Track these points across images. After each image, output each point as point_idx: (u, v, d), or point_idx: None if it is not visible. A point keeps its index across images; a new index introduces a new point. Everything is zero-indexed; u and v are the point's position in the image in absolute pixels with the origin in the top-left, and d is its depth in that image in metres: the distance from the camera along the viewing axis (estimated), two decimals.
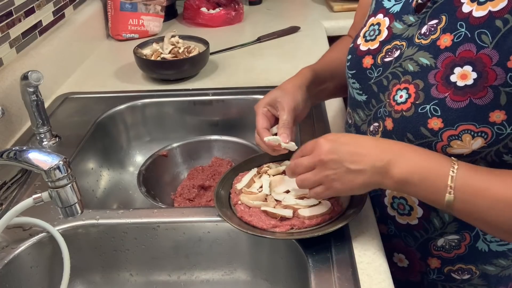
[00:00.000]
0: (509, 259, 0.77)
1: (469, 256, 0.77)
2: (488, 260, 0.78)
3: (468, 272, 0.80)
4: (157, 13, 1.63)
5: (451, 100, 0.65)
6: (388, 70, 0.74)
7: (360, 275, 0.69)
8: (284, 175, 0.83)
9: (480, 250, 0.76)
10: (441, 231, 0.77)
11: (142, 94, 1.22)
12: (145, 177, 1.03)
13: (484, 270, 0.79)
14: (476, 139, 0.65)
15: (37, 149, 0.68)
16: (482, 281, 0.80)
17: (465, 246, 0.77)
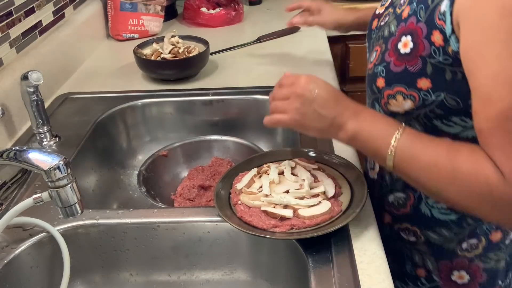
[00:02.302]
0: (452, 231, 0.80)
1: (413, 216, 0.83)
2: (431, 227, 0.82)
3: (413, 234, 0.84)
4: (157, 13, 1.63)
5: (394, 64, 0.74)
6: (379, 32, 0.83)
7: (360, 275, 0.69)
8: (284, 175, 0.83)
9: (424, 213, 0.82)
10: (391, 187, 0.85)
11: (142, 94, 1.22)
12: (145, 177, 1.03)
13: (427, 236, 0.83)
14: (407, 101, 0.73)
15: (37, 149, 0.68)
16: (427, 249, 0.84)
17: (410, 206, 0.83)
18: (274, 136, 1.22)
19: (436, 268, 0.85)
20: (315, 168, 0.86)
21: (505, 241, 0.82)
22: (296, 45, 1.51)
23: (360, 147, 0.73)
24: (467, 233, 0.81)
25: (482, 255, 0.82)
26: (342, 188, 0.82)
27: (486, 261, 0.82)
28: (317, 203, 0.77)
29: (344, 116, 0.72)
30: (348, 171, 0.85)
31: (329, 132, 0.74)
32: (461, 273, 0.84)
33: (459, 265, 0.83)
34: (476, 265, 0.83)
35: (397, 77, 0.73)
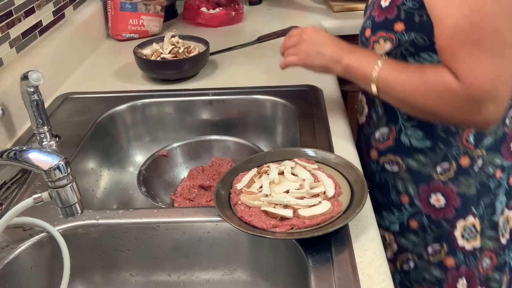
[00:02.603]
0: (427, 157, 0.92)
1: (396, 147, 0.95)
2: (411, 154, 0.94)
3: (396, 164, 0.96)
4: (157, 13, 1.63)
5: (377, 16, 0.90)
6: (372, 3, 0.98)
7: (360, 275, 0.69)
8: (284, 175, 0.83)
9: (404, 143, 0.94)
10: (377, 124, 0.98)
11: (142, 94, 1.22)
12: (145, 177, 1.03)
13: (407, 164, 0.95)
14: (387, 43, 0.88)
15: (37, 149, 0.68)
16: (408, 176, 0.95)
17: (393, 139, 0.95)
18: (274, 136, 1.22)
19: (417, 193, 0.95)
20: (315, 168, 0.86)
21: (473, 167, 0.92)
22: None
23: (353, 77, 0.91)
24: (440, 158, 0.92)
25: (454, 178, 0.92)
26: (342, 188, 0.82)
27: (458, 185, 0.92)
28: (317, 203, 0.77)
29: (339, 53, 0.92)
30: (348, 171, 0.85)
31: (328, 67, 0.94)
32: (437, 196, 0.94)
33: (435, 188, 0.94)
34: (450, 188, 0.93)
35: (379, 25, 0.90)
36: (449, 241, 0.95)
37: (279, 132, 1.21)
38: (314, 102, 1.15)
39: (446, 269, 0.96)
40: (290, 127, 1.15)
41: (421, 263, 0.98)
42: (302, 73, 1.31)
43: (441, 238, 0.95)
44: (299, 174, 0.83)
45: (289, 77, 1.28)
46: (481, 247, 0.95)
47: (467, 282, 0.96)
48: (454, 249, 0.95)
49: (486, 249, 0.96)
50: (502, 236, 0.97)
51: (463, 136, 0.90)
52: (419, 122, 0.91)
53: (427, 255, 0.97)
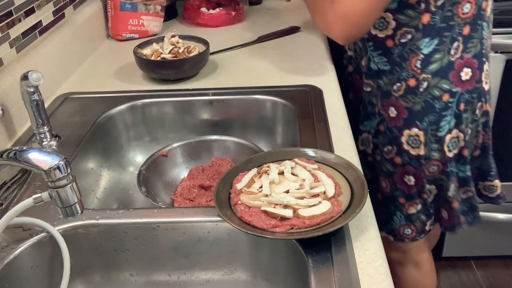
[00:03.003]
0: (387, 78, 1.15)
1: (368, 72, 1.19)
2: (378, 76, 1.17)
3: (369, 85, 1.21)
4: (157, 13, 1.63)
5: None
6: None
7: (360, 275, 0.69)
8: (284, 175, 0.83)
9: (373, 69, 1.17)
10: (359, 57, 1.23)
11: (142, 94, 1.22)
12: (145, 177, 1.03)
13: (376, 83, 1.19)
14: None
15: (37, 149, 0.68)
16: (377, 92, 1.19)
17: (366, 66, 1.19)
18: (274, 136, 1.22)
19: (381, 105, 1.19)
20: (315, 168, 0.86)
21: (419, 88, 1.12)
22: (296, 45, 1.51)
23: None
24: (396, 79, 1.14)
25: (403, 95, 1.14)
26: (342, 188, 0.82)
27: (406, 101, 1.14)
28: (317, 203, 0.77)
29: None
30: (348, 171, 0.85)
31: None
32: (392, 108, 1.17)
33: (392, 102, 1.16)
34: (400, 103, 1.15)
35: None
36: (397, 145, 1.19)
37: (279, 132, 1.21)
38: (314, 102, 1.15)
39: (395, 165, 1.21)
40: (290, 127, 1.15)
41: (382, 158, 1.23)
42: (302, 73, 1.32)
43: (392, 141, 1.19)
44: (299, 174, 0.83)
45: (289, 77, 1.28)
46: (426, 156, 1.17)
47: (415, 179, 1.20)
48: (401, 151, 1.19)
49: (432, 159, 1.17)
50: (449, 151, 1.17)
51: (412, 62, 1.10)
52: (382, 51, 1.14)
53: (384, 153, 1.23)
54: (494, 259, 2.08)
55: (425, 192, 1.21)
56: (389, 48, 1.12)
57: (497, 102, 1.71)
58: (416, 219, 1.26)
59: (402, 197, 1.23)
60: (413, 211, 1.24)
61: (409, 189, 1.22)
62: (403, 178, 1.21)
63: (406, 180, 1.21)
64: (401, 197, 1.24)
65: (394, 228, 1.28)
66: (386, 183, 1.25)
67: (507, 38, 1.61)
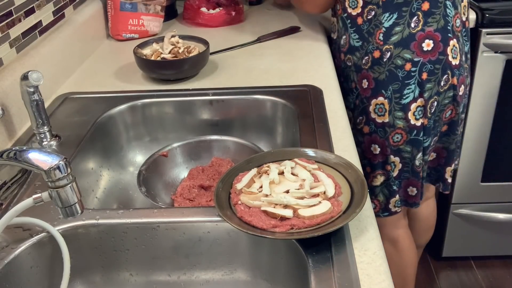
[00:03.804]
0: (359, 53, 1.27)
1: (348, 48, 1.30)
2: (353, 52, 1.29)
3: (349, 60, 1.31)
4: (157, 13, 1.63)
5: None
6: None
7: (360, 275, 0.69)
8: (284, 175, 0.83)
9: (352, 45, 1.28)
10: (340, 34, 1.34)
11: (142, 94, 1.22)
12: (145, 177, 1.03)
13: (352, 59, 1.30)
14: None
15: (37, 149, 0.68)
16: (353, 66, 1.30)
17: (347, 42, 1.30)
18: (274, 136, 1.22)
19: (357, 79, 1.30)
20: (315, 168, 0.86)
21: (383, 58, 1.23)
22: (296, 45, 1.51)
23: None
24: (364, 53, 1.26)
25: (370, 67, 1.26)
26: (342, 188, 0.82)
27: (373, 72, 1.26)
28: (317, 203, 0.77)
29: None
30: (348, 171, 0.85)
31: None
32: (364, 80, 1.28)
33: (363, 75, 1.28)
34: (369, 74, 1.27)
35: None
36: (366, 114, 1.30)
37: (279, 132, 1.21)
38: (314, 102, 1.15)
39: (364, 134, 1.33)
40: (290, 127, 1.15)
41: (354, 130, 1.30)
42: (302, 73, 1.32)
43: (362, 112, 1.30)
44: (299, 174, 0.83)
45: (289, 77, 1.28)
46: (391, 124, 1.27)
47: (380, 148, 1.31)
48: (369, 120, 1.30)
49: (396, 127, 1.27)
50: (416, 119, 1.26)
51: (376, 35, 1.21)
52: (356, 28, 1.25)
53: (356, 124, 1.33)
54: (494, 259, 2.08)
55: (389, 163, 1.31)
56: (359, 25, 1.24)
57: (497, 102, 1.71)
58: (379, 192, 1.37)
59: (368, 166, 1.35)
60: (377, 183, 1.36)
61: (374, 158, 1.33)
62: (370, 147, 1.33)
63: (372, 149, 1.32)
64: (367, 166, 1.35)
65: None
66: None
67: (507, 38, 1.61)
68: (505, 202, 1.90)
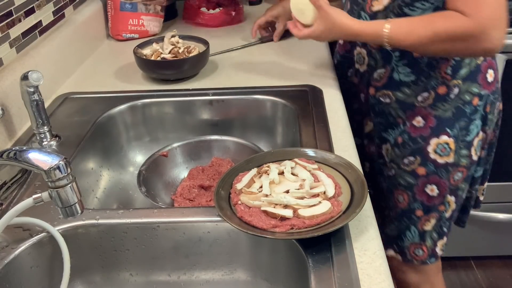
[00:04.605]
0: (411, 89, 1.11)
1: (388, 83, 1.14)
2: (399, 88, 1.13)
3: (388, 97, 1.15)
4: (157, 13, 1.63)
5: None
6: None
7: (360, 275, 0.69)
8: (284, 175, 0.83)
9: (395, 79, 1.12)
10: (375, 67, 1.15)
11: (142, 94, 1.22)
12: (145, 177, 1.03)
13: (396, 96, 1.14)
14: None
15: (37, 149, 0.68)
16: (397, 105, 1.15)
17: (386, 77, 1.14)
18: (274, 136, 1.22)
19: (405, 117, 1.14)
20: (315, 168, 0.86)
21: (450, 95, 1.09)
22: (296, 45, 1.51)
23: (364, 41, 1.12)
24: (421, 89, 1.11)
25: (432, 104, 1.11)
26: (342, 188, 0.82)
27: (435, 109, 1.11)
28: (317, 203, 0.77)
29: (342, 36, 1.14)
30: (348, 171, 0.85)
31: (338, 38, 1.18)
32: (418, 118, 1.13)
33: (418, 112, 1.13)
34: (429, 112, 1.12)
35: None
36: (422, 155, 1.14)
37: (279, 132, 1.21)
38: (314, 102, 1.15)
39: (417, 176, 1.16)
40: (290, 127, 1.15)
41: (399, 171, 1.18)
42: (302, 73, 1.32)
43: (416, 152, 1.15)
44: (299, 174, 0.83)
45: (289, 77, 1.28)
46: (455, 163, 1.13)
47: (438, 189, 1.16)
48: (426, 161, 1.14)
49: (460, 166, 1.14)
50: (475, 154, 1.15)
51: (442, 69, 1.07)
52: (408, 61, 1.09)
53: (404, 165, 1.17)
54: (494, 259, 2.08)
55: (444, 203, 1.18)
56: (415, 58, 1.08)
57: None
58: (429, 237, 1.21)
59: (420, 209, 1.19)
60: (428, 228, 1.20)
61: (429, 200, 1.17)
62: (425, 188, 1.16)
63: (428, 190, 1.16)
64: (419, 209, 1.19)
65: (405, 246, 1.23)
66: (403, 197, 1.19)
67: (507, 38, 1.61)
68: (505, 202, 1.90)
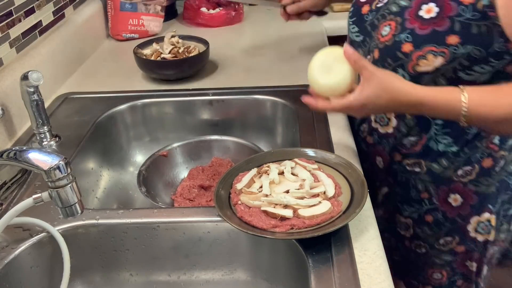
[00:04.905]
0: (450, 161, 0.95)
1: (422, 153, 0.97)
2: (435, 158, 0.96)
3: (418, 165, 0.98)
4: (157, 13, 1.63)
5: (419, 29, 0.84)
6: (379, 13, 0.93)
7: (360, 275, 0.69)
8: (284, 175, 0.83)
9: (431, 148, 0.95)
10: (406, 134, 0.97)
11: (142, 94, 1.22)
12: (145, 177, 1.03)
13: (429, 167, 0.97)
14: (438, 58, 0.83)
15: (37, 149, 0.68)
16: (428, 177, 0.98)
17: (421, 145, 0.96)
18: (274, 136, 1.22)
19: (436, 193, 0.99)
20: (315, 168, 0.86)
21: (495, 168, 0.95)
22: (296, 45, 1.51)
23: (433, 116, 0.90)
24: (463, 162, 0.95)
25: (474, 180, 0.96)
26: (342, 188, 0.82)
27: (477, 185, 0.96)
28: (317, 203, 0.77)
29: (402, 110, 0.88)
30: (348, 171, 0.85)
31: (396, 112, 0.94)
32: (456, 196, 0.98)
33: (454, 189, 0.97)
34: (469, 189, 0.96)
35: (426, 39, 0.83)
36: (461, 234, 1.00)
37: (279, 132, 1.21)
38: None
39: (456, 254, 1.03)
40: (290, 127, 1.15)
41: (433, 251, 1.05)
42: (302, 73, 1.31)
43: (454, 231, 1.00)
44: (299, 174, 0.83)
45: (289, 77, 1.28)
46: (495, 239, 1.01)
47: (476, 263, 1.04)
48: (465, 240, 1.01)
49: (499, 240, 1.03)
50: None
51: (488, 140, 0.93)
52: (452, 130, 0.92)
53: (439, 245, 1.03)
54: None
55: (480, 275, 1.07)
56: (462, 127, 0.87)
57: None
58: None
59: (460, 279, 1.08)
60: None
61: (470, 273, 1.06)
62: (465, 263, 1.05)
63: (468, 265, 1.05)
64: (459, 279, 1.08)
65: None
66: (442, 274, 1.08)
67: None
68: None
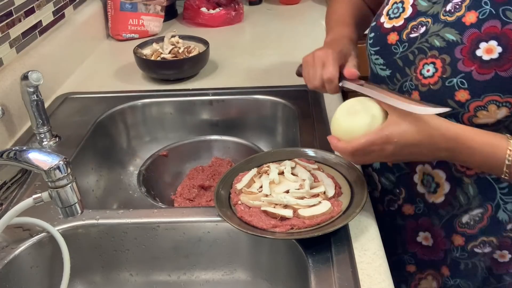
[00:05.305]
0: None
1: (491, 227, 0.80)
2: (503, 232, 0.80)
3: (489, 244, 0.81)
4: (157, 13, 1.63)
5: (477, 73, 0.69)
6: (414, 45, 0.78)
7: (360, 275, 0.69)
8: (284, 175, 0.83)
9: (501, 220, 0.79)
10: (466, 207, 0.80)
11: (142, 94, 1.22)
12: (145, 177, 1.03)
13: (500, 244, 0.81)
14: (501, 109, 0.69)
15: (37, 149, 0.68)
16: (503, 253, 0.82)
17: (487, 218, 0.80)
18: (274, 136, 1.22)
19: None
20: (315, 168, 0.86)
21: None
22: (296, 45, 1.51)
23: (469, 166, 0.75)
24: None
25: None
26: (342, 188, 0.82)
27: None
28: (317, 203, 0.77)
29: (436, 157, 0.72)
30: (348, 171, 0.85)
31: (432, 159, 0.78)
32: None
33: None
34: None
35: (487, 86, 0.69)
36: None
37: (279, 132, 1.21)
38: (314, 102, 1.15)
39: None
40: (290, 127, 1.15)
41: None
42: None
43: None
44: (299, 174, 0.83)
45: (289, 77, 1.28)
46: None
47: None
48: None
49: None
50: None
51: None
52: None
53: None
54: None
55: None
56: None
57: None
58: None
59: None
60: None
61: None
62: None
63: None
64: None
65: None
66: None
67: None
68: None
